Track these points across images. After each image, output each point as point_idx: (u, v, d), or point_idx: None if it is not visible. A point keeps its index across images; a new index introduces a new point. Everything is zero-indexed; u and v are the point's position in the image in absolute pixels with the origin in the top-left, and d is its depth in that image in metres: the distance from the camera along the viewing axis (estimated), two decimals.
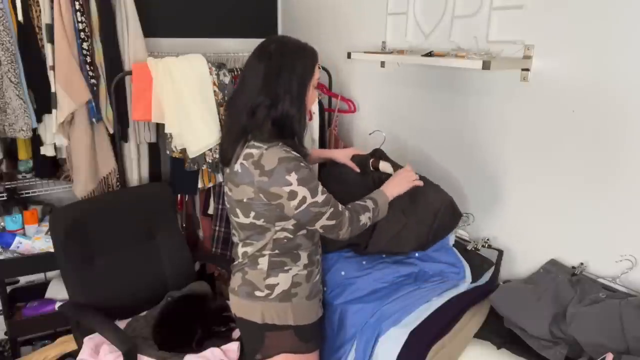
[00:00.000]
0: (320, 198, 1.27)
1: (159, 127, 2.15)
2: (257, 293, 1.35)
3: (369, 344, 1.38)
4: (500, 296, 1.39)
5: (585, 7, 1.27)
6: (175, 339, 1.67)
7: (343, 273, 1.56)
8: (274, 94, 1.25)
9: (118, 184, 2.15)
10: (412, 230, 1.50)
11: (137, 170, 2.21)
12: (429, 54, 1.56)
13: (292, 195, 1.23)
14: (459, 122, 1.71)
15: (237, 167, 1.28)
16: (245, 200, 1.29)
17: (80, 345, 1.62)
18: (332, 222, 1.29)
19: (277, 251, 1.36)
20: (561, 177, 1.40)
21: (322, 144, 2.27)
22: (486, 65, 1.32)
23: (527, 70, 1.42)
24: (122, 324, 1.70)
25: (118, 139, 2.05)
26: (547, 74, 1.38)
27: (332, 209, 1.29)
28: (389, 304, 1.45)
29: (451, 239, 1.66)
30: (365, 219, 1.35)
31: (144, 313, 1.78)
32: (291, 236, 1.35)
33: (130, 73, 1.97)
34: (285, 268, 1.36)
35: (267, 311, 1.35)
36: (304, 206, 1.25)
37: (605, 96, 1.26)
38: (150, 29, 2.20)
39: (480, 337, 1.35)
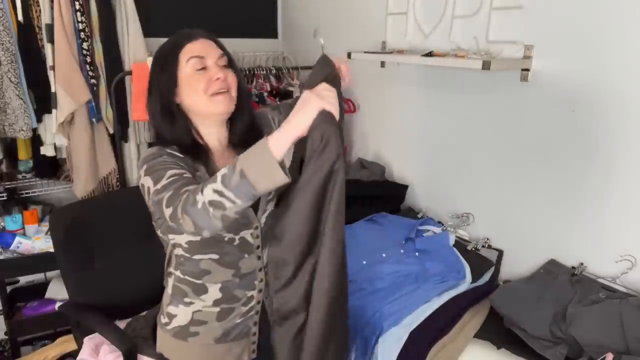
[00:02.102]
0: (162, 183, 0.93)
1: None
2: (161, 318, 1.17)
3: (369, 343, 1.38)
4: (500, 296, 1.39)
5: (585, 7, 1.27)
6: None
7: None
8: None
9: (118, 184, 2.15)
10: None
11: (137, 171, 2.21)
12: (429, 54, 1.56)
13: (142, 188, 1.00)
14: (458, 122, 1.71)
15: None
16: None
17: (80, 345, 1.62)
18: (170, 210, 0.89)
19: (179, 273, 1.12)
20: (561, 177, 1.40)
21: None
22: (486, 65, 1.32)
23: (527, 70, 1.42)
24: (122, 324, 1.70)
25: (118, 139, 2.06)
26: (547, 74, 1.38)
27: (170, 193, 0.90)
28: (389, 303, 1.45)
29: (451, 239, 1.66)
30: (208, 194, 0.84)
31: (144, 313, 1.78)
32: (188, 255, 1.08)
33: (130, 73, 1.97)
34: (186, 300, 1.11)
35: (163, 342, 1.17)
36: (149, 197, 0.96)
37: (605, 96, 1.26)
38: (150, 29, 2.20)
39: (480, 337, 1.35)
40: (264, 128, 1.18)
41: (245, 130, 1.13)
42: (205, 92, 1.04)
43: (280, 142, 0.85)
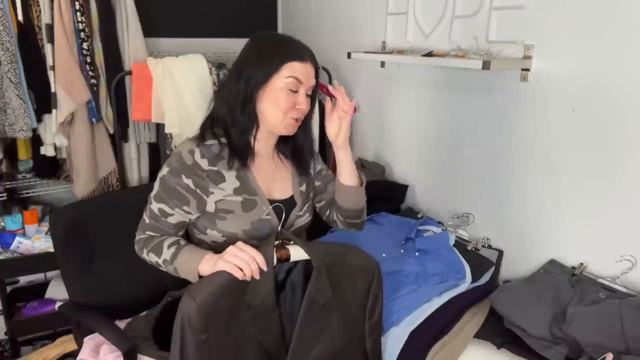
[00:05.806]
0: (152, 206, 1.17)
1: (159, 127, 2.15)
2: None
3: None
4: (500, 296, 1.39)
5: (585, 7, 1.27)
6: None
7: None
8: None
9: (118, 184, 2.15)
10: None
11: (137, 170, 2.21)
12: (429, 54, 1.56)
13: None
14: (458, 122, 1.71)
15: None
16: None
17: (80, 345, 1.62)
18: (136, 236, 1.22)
19: None
20: (561, 177, 1.40)
21: (322, 144, 2.27)
22: (486, 65, 1.32)
23: (527, 70, 1.42)
24: (122, 324, 1.70)
25: (118, 139, 2.06)
26: (547, 74, 1.38)
27: (143, 222, 1.21)
28: (389, 303, 1.45)
29: (451, 239, 1.66)
30: (152, 259, 1.20)
31: (144, 313, 1.78)
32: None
33: (130, 73, 1.97)
34: None
35: None
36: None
37: (605, 96, 1.26)
38: (150, 29, 2.20)
39: (480, 337, 1.35)
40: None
41: (299, 146, 1.25)
42: (284, 113, 1.11)
43: (205, 269, 1.08)
